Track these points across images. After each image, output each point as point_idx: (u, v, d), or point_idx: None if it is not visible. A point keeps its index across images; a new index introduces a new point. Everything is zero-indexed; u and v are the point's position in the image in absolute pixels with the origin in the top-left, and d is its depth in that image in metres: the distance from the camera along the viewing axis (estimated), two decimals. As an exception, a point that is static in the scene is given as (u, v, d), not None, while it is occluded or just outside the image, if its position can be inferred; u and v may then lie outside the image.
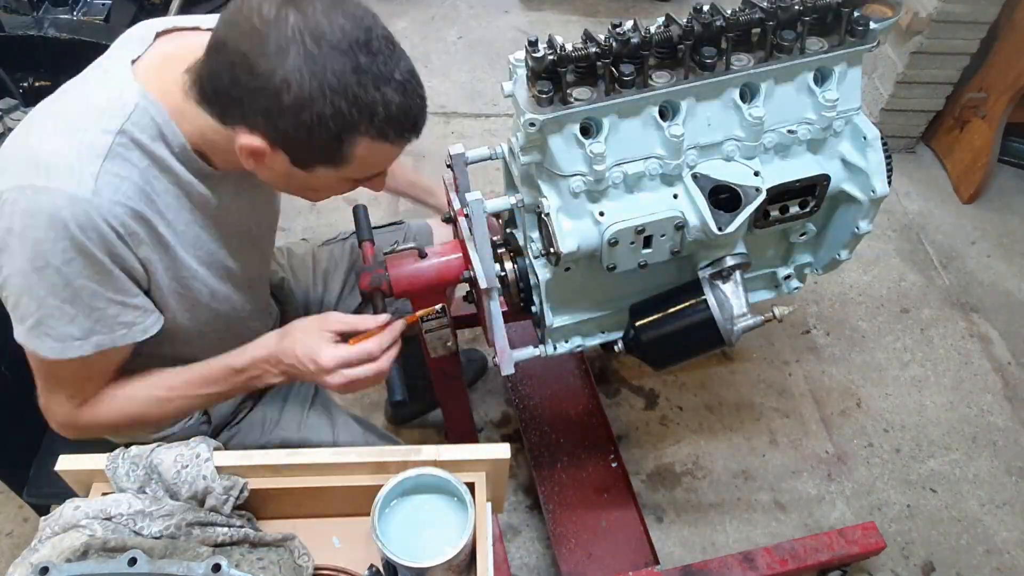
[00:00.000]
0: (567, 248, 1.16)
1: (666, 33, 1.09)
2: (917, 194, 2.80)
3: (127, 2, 2.45)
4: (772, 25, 1.12)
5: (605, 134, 1.11)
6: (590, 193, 1.16)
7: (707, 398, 2.13)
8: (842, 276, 2.48)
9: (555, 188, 1.16)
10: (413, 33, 3.35)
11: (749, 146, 1.18)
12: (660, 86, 1.11)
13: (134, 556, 0.75)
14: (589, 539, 1.73)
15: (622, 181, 1.16)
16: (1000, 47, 2.58)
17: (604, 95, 1.09)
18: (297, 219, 2.52)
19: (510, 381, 2.02)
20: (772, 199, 1.19)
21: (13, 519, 1.81)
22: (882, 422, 2.11)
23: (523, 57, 1.09)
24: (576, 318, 1.37)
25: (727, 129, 1.18)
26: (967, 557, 1.86)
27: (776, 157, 1.23)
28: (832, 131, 1.22)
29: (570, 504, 1.79)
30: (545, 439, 1.91)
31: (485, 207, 1.18)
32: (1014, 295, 2.47)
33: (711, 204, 1.15)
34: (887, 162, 1.23)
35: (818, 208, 1.25)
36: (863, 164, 1.22)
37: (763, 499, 1.93)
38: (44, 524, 0.84)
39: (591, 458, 1.87)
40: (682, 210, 1.16)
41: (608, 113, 1.11)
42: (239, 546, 0.84)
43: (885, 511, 1.93)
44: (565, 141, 1.11)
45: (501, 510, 1.06)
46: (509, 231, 1.38)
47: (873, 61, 2.79)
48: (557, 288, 1.30)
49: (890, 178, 1.25)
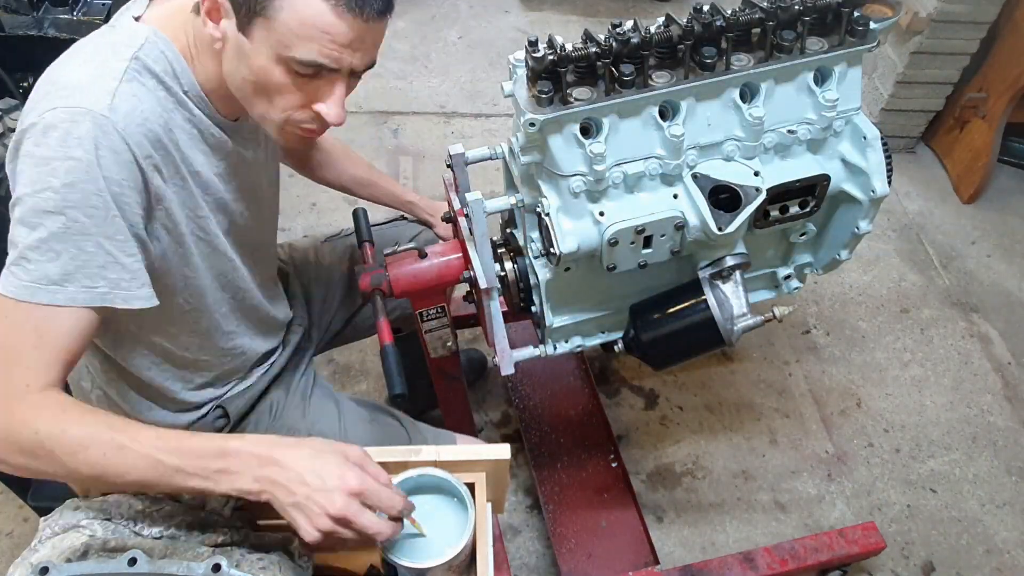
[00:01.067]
0: (567, 248, 1.16)
1: (666, 33, 1.09)
2: (917, 194, 2.80)
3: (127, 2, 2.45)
4: (772, 25, 1.12)
5: (605, 134, 1.11)
6: (590, 193, 1.16)
7: (707, 398, 2.13)
8: (842, 276, 2.48)
9: (555, 188, 1.16)
10: (413, 33, 3.35)
11: (749, 146, 1.18)
12: (660, 86, 1.10)
13: (134, 556, 0.75)
14: (588, 539, 1.73)
15: (622, 181, 1.16)
16: (1000, 47, 2.58)
17: (604, 95, 1.09)
18: (297, 219, 2.52)
19: (510, 381, 2.02)
20: (772, 199, 1.19)
21: (13, 519, 1.81)
22: (882, 422, 2.11)
23: (523, 57, 1.09)
24: (576, 318, 1.37)
25: (727, 129, 1.18)
26: (967, 557, 1.86)
27: (776, 157, 1.22)
28: (832, 131, 1.21)
29: (570, 504, 1.79)
30: (545, 439, 1.91)
31: (485, 207, 1.18)
32: (1014, 295, 2.47)
33: (711, 204, 1.15)
34: (887, 162, 1.23)
35: (818, 208, 1.25)
36: (863, 164, 1.22)
37: (763, 499, 1.93)
38: (44, 524, 0.83)
39: (591, 458, 1.87)
40: (682, 210, 1.16)
41: (608, 113, 1.11)
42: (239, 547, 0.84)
43: (885, 511, 1.93)
44: (565, 141, 1.11)
45: (501, 510, 1.06)
46: (509, 231, 1.38)
47: (873, 61, 2.79)
48: (557, 288, 1.30)
49: (890, 178, 1.25)
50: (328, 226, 2.50)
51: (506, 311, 1.34)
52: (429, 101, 3.02)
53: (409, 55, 3.24)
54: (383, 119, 2.91)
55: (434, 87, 3.09)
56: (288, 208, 2.54)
